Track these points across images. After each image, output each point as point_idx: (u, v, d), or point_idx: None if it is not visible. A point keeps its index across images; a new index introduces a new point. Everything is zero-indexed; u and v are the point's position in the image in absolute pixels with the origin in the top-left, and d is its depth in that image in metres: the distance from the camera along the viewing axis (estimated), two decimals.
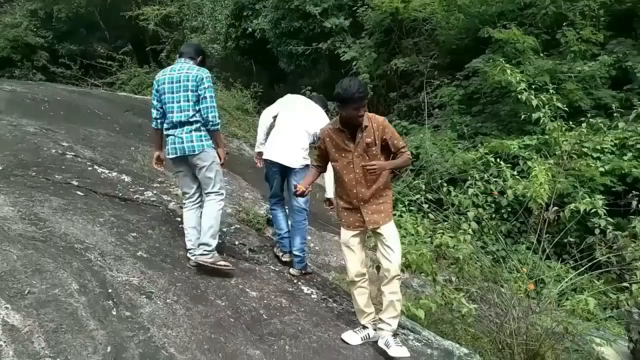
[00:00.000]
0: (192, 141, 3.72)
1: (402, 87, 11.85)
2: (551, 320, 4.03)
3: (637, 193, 4.92)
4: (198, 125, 3.73)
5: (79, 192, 4.49)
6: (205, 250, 3.73)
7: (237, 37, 14.51)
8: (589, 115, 6.08)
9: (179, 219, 4.46)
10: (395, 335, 3.33)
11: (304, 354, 3.08)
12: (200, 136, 3.74)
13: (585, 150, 6.77)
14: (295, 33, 12.65)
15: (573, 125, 4.59)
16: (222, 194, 3.88)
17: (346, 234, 3.36)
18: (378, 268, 3.95)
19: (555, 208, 4.07)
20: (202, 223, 3.80)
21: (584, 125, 4.45)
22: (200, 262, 3.71)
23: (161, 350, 2.73)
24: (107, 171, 5.25)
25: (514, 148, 7.17)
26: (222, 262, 3.80)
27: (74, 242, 3.52)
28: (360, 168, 3.21)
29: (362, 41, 11.99)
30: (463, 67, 9.57)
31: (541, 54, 7.99)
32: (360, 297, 3.45)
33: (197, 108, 3.71)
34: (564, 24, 8.04)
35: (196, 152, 3.72)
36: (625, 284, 3.88)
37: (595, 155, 6.86)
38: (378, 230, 3.26)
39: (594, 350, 4.72)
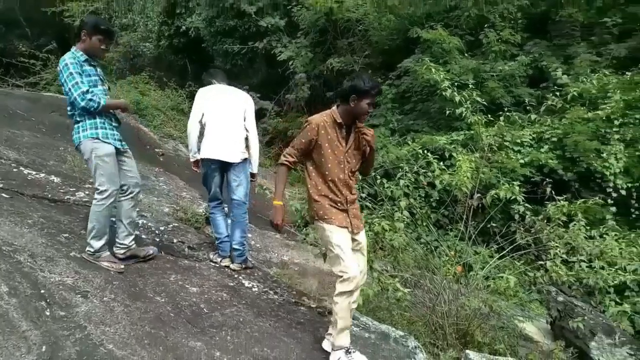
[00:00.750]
0: (73, 134, 3.55)
1: (338, 87, 12.10)
2: (478, 301, 4.34)
3: (550, 181, 5.37)
4: (75, 117, 3.54)
5: (3, 195, 4.28)
6: (88, 250, 3.60)
7: (170, 36, 14.20)
8: (505, 109, 6.54)
9: (114, 219, 4.38)
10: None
11: (245, 342, 3.14)
12: (78, 128, 3.53)
13: (507, 143, 7.28)
14: (231, 32, 12.59)
15: (492, 119, 4.95)
16: (102, 191, 3.52)
17: (336, 229, 3.01)
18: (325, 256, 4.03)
19: (479, 195, 4.38)
20: None
21: (502, 119, 4.81)
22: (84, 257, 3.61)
23: (99, 347, 2.69)
24: (34, 172, 5.03)
25: (442, 143, 7.57)
26: (106, 263, 3.59)
27: (0, 244, 3.37)
28: (347, 169, 3.08)
29: (298, 41, 12.12)
30: (395, 67, 9.95)
31: (466, 54, 8.48)
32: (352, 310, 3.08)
33: (71, 100, 3.49)
34: (485, 25, 8.59)
35: (76, 145, 3.56)
36: (541, 263, 4.24)
37: (516, 148, 7.38)
38: (356, 237, 3.14)
39: (518, 327, 5.13)
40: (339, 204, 3.07)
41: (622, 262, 4.28)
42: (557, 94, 6.19)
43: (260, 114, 12.72)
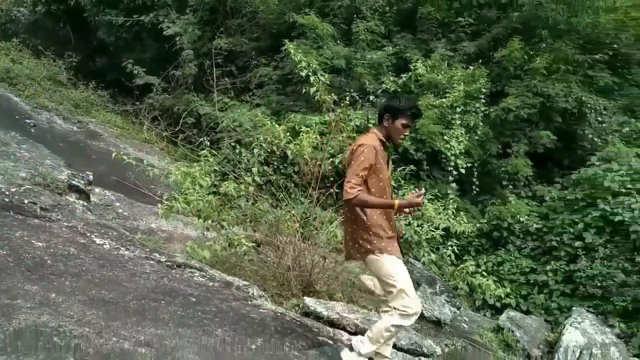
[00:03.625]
0: None
1: (227, 66, 12.30)
2: (318, 255, 4.96)
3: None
4: None
5: None
6: None
7: (47, 2, 13.33)
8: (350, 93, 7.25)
9: None
10: None
11: (84, 286, 3.39)
12: None
13: (370, 125, 8.06)
14: (115, 3, 12.18)
15: (336, 99, 5.59)
16: None
17: (398, 262, 2.94)
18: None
19: (319, 163, 4.97)
20: None
21: (347, 99, 5.45)
22: None
23: None
24: None
25: (315, 123, 8.16)
26: None
27: None
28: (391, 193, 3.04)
29: (186, 17, 12.07)
30: (280, 50, 10.40)
31: (338, 41, 9.15)
32: None
33: None
34: (355, 16, 9.31)
35: None
36: None
37: None
38: None
39: (357, 281, 5.87)
40: (394, 234, 2.98)
41: (437, 222, 5.13)
42: (395, 80, 7.01)
43: (146, 89, 12.50)
